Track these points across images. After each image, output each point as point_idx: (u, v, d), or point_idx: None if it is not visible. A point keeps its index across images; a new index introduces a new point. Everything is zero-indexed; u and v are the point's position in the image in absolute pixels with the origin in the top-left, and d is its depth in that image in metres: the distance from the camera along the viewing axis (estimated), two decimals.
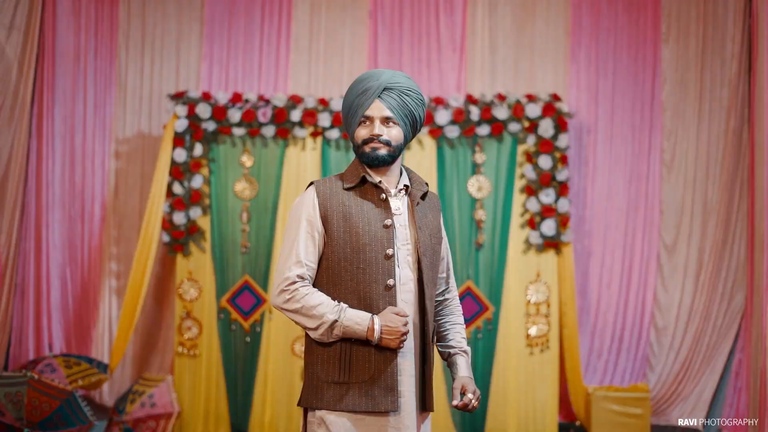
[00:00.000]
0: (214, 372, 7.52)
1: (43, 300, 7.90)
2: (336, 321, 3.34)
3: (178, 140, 7.52)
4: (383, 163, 3.51)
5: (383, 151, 3.49)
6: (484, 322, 7.36)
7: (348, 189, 3.52)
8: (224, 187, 7.57)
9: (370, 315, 3.36)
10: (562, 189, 7.34)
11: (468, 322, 7.33)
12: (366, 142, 3.51)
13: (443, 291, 3.76)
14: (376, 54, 7.96)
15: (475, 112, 7.39)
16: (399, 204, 3.54)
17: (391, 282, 3.42)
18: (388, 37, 7.98)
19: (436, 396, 6.85)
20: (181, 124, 7.51)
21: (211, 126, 7.54)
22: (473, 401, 3.55)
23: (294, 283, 3.42)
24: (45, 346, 7.83)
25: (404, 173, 3.64)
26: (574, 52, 7.88)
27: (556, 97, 7.42)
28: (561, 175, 7.33)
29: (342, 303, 3.39)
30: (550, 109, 7.36)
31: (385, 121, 3.50)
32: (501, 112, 7.37)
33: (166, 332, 7.98)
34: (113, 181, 8.03)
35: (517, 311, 7.38)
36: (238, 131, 7.52)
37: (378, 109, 3.50)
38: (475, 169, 7.44)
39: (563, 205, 7.32)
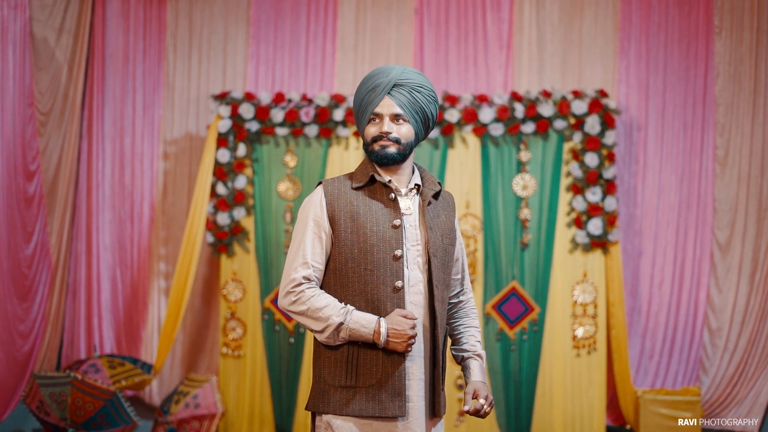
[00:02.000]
0: (259, 373, 7.51)
1: (94, 301, 7.98)
2: (342, 324, 3.28)
3: (222, 141, 7.53)
4: (393, 162, 3.44)
5: (392, 149, 3.42)
6: (530, 323, 7.22)
7: (357, 188, 3.46)
8: (268, 188, 7.55)
9: (376, 317, 3.29)
10: (609, 187, 7.17)
11: (513, 323, 7.22)
12: (375, 139, 3.44)
13: (458, 293, 3.68)
14: (422, 52, 7.87)
15: (519, 110, 7.26)
16: (410, 203, 3.47)
17: (399, 284, 3.35)
18: (434, 35, 7.88)
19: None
20: (225, 125, 7.51)
21: (254, 126, 7.53)
22: (485, 407, 3.46)
23: (300, 284, 3.37)
24: (96, 346, 7.90)
25: (416, 172, 3.56)
26: (624, 47, 7.68)
27: (603, 93, 7.26)
28: (608, 173, 7.16)
29: (348, 305, 3.33)
30: (596, 105, 7.19)
31: (395, 118, 3.42)
32: (546, 109, 7.22)
33: (213, 333, 7.99)
34: (162, 182, 8.07)
35: (563, 312, 7.24)
36: (281, 131, 7.49)
37: (387, 106, 3.43)
38: (520, 167, 7.32)
39: (610, 204, 7.16)
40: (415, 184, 3.52)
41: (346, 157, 7.49)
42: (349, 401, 3.32)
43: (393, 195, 3.43)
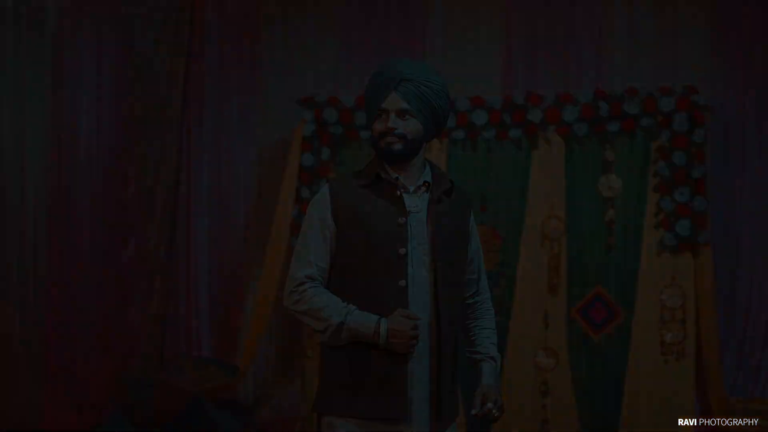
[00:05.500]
0: None
1: (193, 305, 8.11)
2: (342, 323, 3.24)
3: (306, 145, 7.54)
4: (399, 158, 3.39)
5: (398, 146, 3.36)
6: (616, 328, 6.99)
7: (363, 186, 3.42)
8: None
9: (377, 317, 3.23)
10: (698, 187, 6.84)
11: (598, 328, 7.01)
12: (381, 136, 3.39)
13: (473, 293, 3.59)
14: (509, 52, 7.72)
15: (604, 108, 7.04)
16: (417, 201, 3.41)
17: (402, 283, 3.28)
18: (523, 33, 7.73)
19: (559, 403, 6.65)
20: (309, 129, 7.54)
21: (338, 130, 7.53)
22: (494, 411, 3.35)
23: (302, 284, 3.34)
24: (195, 349, 8.05)
25: (428, 169, 3.51)
26: (720, 40, 7.35)
27: (691, 89, 6.93)
28: (697, 172, 6.84)
29: (350, 305, 3.28)
30: (684, 101, 6.89)
31: (401, 113, 3.36)
32: (632, 107, 6.98)
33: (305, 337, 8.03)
34: (256, 188, 8.16)
35: (650, 317, 6.95)
36: (365, 134, 7.47)
37: (394, 101, 3.36)
38: (606, 167, 7.10)
39: (700, 204, 6.83)
40: (424, 182, 3.46)
41: (429, 158, 7.36)
42: (351, 402, 3.27)
43: (399, 192, 3.38)
